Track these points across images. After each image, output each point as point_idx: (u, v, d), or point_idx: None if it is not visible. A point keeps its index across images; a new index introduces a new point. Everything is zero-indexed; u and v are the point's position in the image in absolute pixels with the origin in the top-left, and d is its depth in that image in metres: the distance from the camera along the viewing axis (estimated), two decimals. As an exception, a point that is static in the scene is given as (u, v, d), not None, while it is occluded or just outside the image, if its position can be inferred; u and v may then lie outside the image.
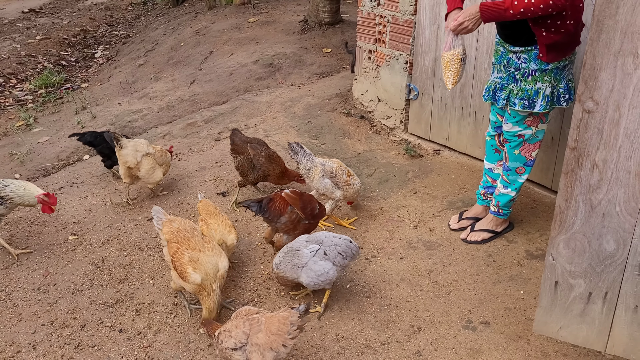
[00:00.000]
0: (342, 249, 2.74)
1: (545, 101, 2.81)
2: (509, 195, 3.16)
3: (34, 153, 5.47)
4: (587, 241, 2.03)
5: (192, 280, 2.59)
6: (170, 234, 2.76)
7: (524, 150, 3.02)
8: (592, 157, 1.90)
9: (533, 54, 2.77)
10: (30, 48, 9.59)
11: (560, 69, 2.79)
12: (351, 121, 4.91)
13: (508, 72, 2.91)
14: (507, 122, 2.98)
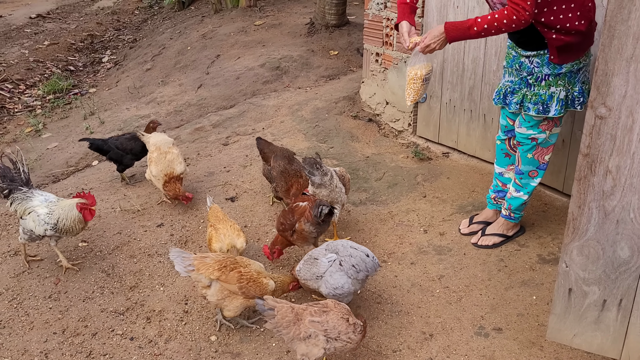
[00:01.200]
0: (356, 262, 2.64)
1: (560, 105, 2.79)
2: (522, 199, 3.14)
3: (43, 159, 5.50)
4: (601, 248, 2.00)
5: (270, 288, 2.65)
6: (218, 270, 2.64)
7: (537, 154, 3.00)
8: (605, 163, 1.88)
9: (546, 58, 2.74)
10: (39, 54, 9.65)
11: (574, 72, 2.77)
12: (359, 124, 4.90)
13: (520, 77, 2.89)
14: (522, 126, 2.96)
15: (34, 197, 3.18)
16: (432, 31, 2.72)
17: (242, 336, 2.74)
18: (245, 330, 2.78)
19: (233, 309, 2.64)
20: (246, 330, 2.78)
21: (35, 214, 3.09)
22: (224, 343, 2.71)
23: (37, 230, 3.07)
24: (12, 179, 3.26)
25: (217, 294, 2.62)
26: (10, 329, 2.84)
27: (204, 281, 2.63)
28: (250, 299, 2.62)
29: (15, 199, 3.21)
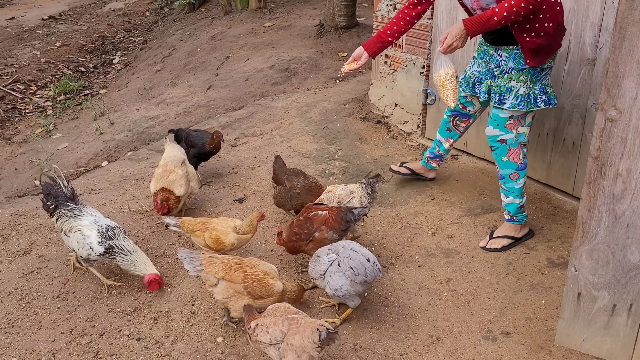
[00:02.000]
0: (354, 264, 2.58)
1: (517, 100, 2.92)
2: (515, 203, 3.20)
3: (54, 160, 5.54)
4: (610, 252, 1.98)
5: (276, 290, 2.65)
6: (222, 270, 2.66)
7: (511, 156, 3.10)
8: (615, 166, 1.86)
9: (513, 53, 2.90)
10: (50, 55, 9.73)
11: (537, 72, 2.90)
12: (367, 126, 4.89)
13: (488, 68, 3.07)
14: (489, 125, 3.10)
15: (83, 216, 3.09)
16: (451, 30, 2.81)
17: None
18: (251, 331, 2.77)
19: (239, 309, 2.64)
20: (253, 331, 2.77)
21: (81, 236, 2.99)
22: (231, 345, 2.70)
23: (80, 252, 3.00)
24: (56, 196, 3.18)
25: (222, 292, 2.64)
26: (18, 328, 2.86)
27: (212, 280, 2.66)
28: (257, 300, 2.62)
29: (62, 215, 3.11)
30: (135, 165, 4.80)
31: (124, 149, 5.37)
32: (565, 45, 3.28)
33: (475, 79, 3.17)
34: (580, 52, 3.22)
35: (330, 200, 3.12)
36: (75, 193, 3.26)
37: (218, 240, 3.07)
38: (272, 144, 4.73)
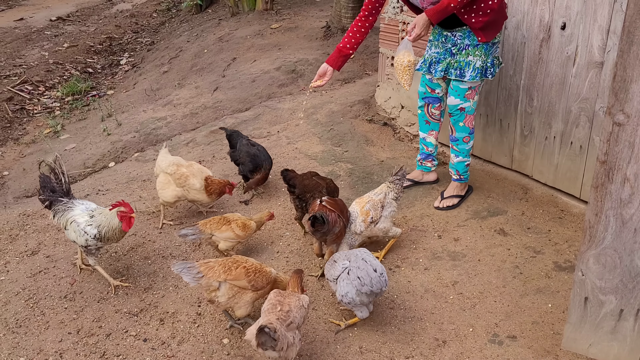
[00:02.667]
0: (362, 274, 2.56)
1: (475, 72, 3.27)
2: (463, 162, 3.62)
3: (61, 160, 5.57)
4: (618, 257, 1.97)
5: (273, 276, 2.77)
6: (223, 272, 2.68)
7: (467, 122, 3.47)
8: (623, 171, 1.85)
9: (467, 32, 3.25)
10: (58, 56, 9.78)
11: (489, 46, 3.27)
12: (374, 128, 4.89)
13: (445, 48, 3.38)
14: (451, 96, 3.44)
15: (74, 207, 3.10)
16: (418, 21, 3.09)
17: (255, 339, 2.74)
18: (257, 333, 2.78)
19: (244, 305, 2.66)
20: (258, 333, 2.78)
21: (75, 223, 3.02)
22: (236, 346, 2.71)
23: (79, 241, 3.01)
24: (52, 190, 3.17)
25: (227, 292, 2.63)
26: (26, 328, 2.88)
27: (214, 284, 2.63)
28: (259, 291, 2.67)
29: (57, 211, 3.11)
30: (142, 166, 4.81)
31: (131, 149, 5.39)
32: (572, 49, 3.28)
33: (432, 60, 3.47)
34: (588, 55, 3.21)
35: (376, 207, 3.10)
36: (70, 188, 3.25)
37: (246, 226, 3.22)
38: (278, 145, 4.73)
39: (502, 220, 3.53)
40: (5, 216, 4.01)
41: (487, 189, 3.85)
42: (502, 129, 3.89)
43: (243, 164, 3.93)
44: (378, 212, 3.07)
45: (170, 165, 3.64)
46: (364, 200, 3.13)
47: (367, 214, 3.03)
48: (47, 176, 3.23)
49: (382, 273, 2.58)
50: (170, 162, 3.67)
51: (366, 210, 3.04)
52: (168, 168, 3.62)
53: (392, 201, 3.20)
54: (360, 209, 3.06)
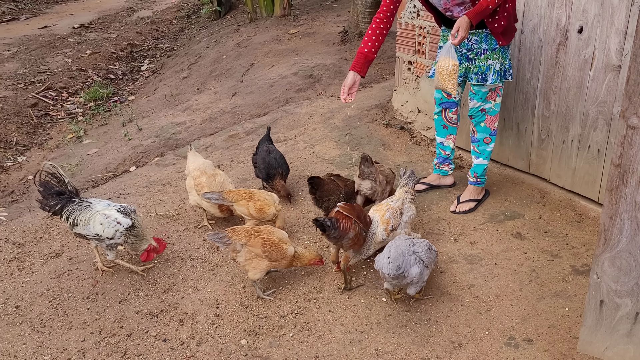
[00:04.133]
0: (380, 256, 2.79)
1: (496, 75, 3.34)
2: (483, 165, 3.64)
3: (84, 164, 5.69)
4: (633, 260, 1.97)
5: (289, 253, 3.03)
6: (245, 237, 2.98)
7: (488, 123, 3.52)
8: (637, 174, 1.85)
9: (483, 36, 3.31)
10: (81, 62, 9.99)
11: (506, 48, 3.36)
12: (391, 132, 4.91)
13: (460, 54, 3.37)
14: (472, 99, 3.49)
15: (95, 204, 3.17)
16: (461, 24, 3.08)
17: (272, 340, 2.79)
18: (274, 334, 2.82)
19: (257, 270, 2.96)
20: (275, 334, 2.82)
21: (103, 216, 3.08)
22: (254, 347, 2.75)
23: (106, 232, 3.07)
24: (59, 193, 3.21)
25: (245, 255, 2.95)
26: (50, 328, 2.96)
27: (238, 247, 2.95)
28: (274, 262, 2.97)
29: (72, 211, 3.15)
30: (162, 170, 4.90)
31: (151, 154, 5.48)
32: (590, 52, 3.27)
33: None
34: (605, 58, 3.20)
35: (395, 214, 3.13)
36: (77, 188, 3.31)
37: (262, 210, 3.39)
38: (296, 149, 4.78)
39: (519, 223, 3.52)
40: (30, 219, 4.12)
41: (504, 193, 3.85)
42: (519, 133, 3.89)
43: (258, 169, 4.05)
44: (397, 219, 3.09)
45: (195, 170, 3.71)
46: (384, 208, 3.15)
47: (387, 222, 3.05)
48: (47, 182, 3.22)
49: (391, 262, 2.68)
50: (197, 167, 3.73)
51: (387, 219, 3.06)
52: (193, 172, 3.70)
53: (411, 205, 3.22)
54: (381, 218, 3.08)
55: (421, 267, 2.73)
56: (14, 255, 3.65)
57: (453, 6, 3.26)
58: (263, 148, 4.09)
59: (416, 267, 2.72)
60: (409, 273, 2.70)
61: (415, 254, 2.74)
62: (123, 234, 3.10)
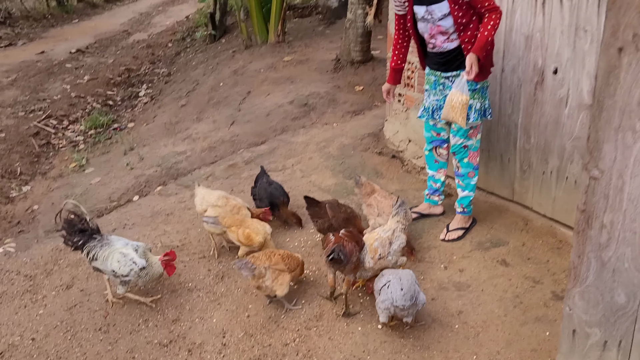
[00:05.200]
0: (393, 289, 3.00)
1: (477, 114, 3.59)
2: (469, 197, 3.91)
3: (88, 194, 5.88)
4: (600, 294, 2.20)
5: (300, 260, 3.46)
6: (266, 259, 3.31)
7: (471, 158, 3.79)
8: (600, 218, 2.09)
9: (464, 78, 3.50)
10: (79, 89, 10.20)
11: (484, 89, 3.62)
12: (383, 160, 5.15)
13: (444, 95, 3.66)
14: (455, 136, 3.75)
15: (114, 242, 3.42)
16: (472, 60, 3.35)
17: (276, 368, 2.99)
18: (278, 362, 3.03)
19: (285, 284, 3.27)
20: (279, 362, 3.03)
21: (121, 255, 3.32)
22: (259, 375, 2.96)
23: (121, 270, 3.29)
24: (82, 230, 3.44)
25: (271, 276, 3.25)
26: (66, 360, 3.15)
27: (262, 271, 3.24)
28: (292, 272, 3.33)
29: (92, 247, 3.38)
30: (165, 200, 5.10)
31: (154, 183, 5.68)
32: (564, 91, 3.53)
33: (434, 107, 3.79)
34: (578, 97, 3.46)
35: (384, 244, 3.33)
36: (98, 225, 3.55)
37: (249, 237, 3.66)
38: (293, 178, 5.01)
39: (504, 251, 3.76)
40: (39, 251, 4.31)
41: (490, 220, 4.09)
42: (502, 164, 4.14)
43: (261, 200, 4.27)
44: (386, 249, 3.32)
45: (220, 198, 4.02)
46: (373, 237, 3.38)
47: (375, 251, 3.28)
48: (70, 220, 3.46)
49: (405, 293, 2.92)
50: (218, 196, 4.05)
51: (375, 248, 3.29)
52: (218, 201, 3.99)
53: (400, 234, 3.44)
54: (370, 246, 3.31)
55: (422, 294, 3.00)
56: (27, 288, 3.84)
57: (437, 34, 3.51)
58: (263, 180, 4.33)
59: (422, 293, 3.03)
60: (419, 300, 2.98)
61: (416, 283, 3.01)
62: (137, 273, 3.32)
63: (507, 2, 3.72)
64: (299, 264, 3.41)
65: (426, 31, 3.56)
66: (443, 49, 3.55)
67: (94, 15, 18.55)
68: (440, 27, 3.47)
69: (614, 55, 1.92)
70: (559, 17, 3.43)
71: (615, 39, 1.90)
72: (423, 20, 3.53)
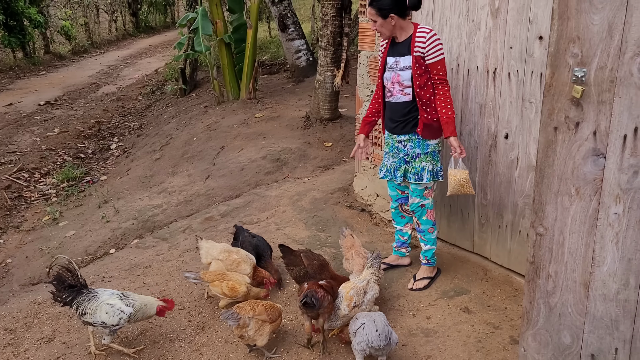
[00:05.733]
0: (368, 330, 3.23)
1: (430, 175, 3.96)
2: (431, 250, 4.22)
3: (63, 247, 5.97)
4: (549, 335, 2.53)
5: (281, 310, 3.66)
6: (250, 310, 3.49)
7: (428, 215, 4.12)
8: (546, 269, 2.44)
9: (416, 142, 3.94)
10: (50, 141, 10.29)
11: (436, 153, 3.98)
12: (353, 214, 5.48)
13: (399, 157, 4.05)
14: (412, 196, 4.09)
15: (100, 295, 3.57)
16: (457, 142, 3.78)
17: (258, 413, 3.17)
18: (260, 408, 3.21)
19: (266, 334, 3.45)
20: (261, 408, 3.21)
21: (109, 306, 3.47)
22: (243, 420, 3.13)
23: (111, 320, 3.45)
24: (71, 286, 3.58)
25: (254, 326, 3.43)
26: (54, 411, 3.24)
27: (246, 321, 3.41)
28: (273, 323, 3.50)
29: (81, 302, 3.53)
30: (143, 252, 5.26)
31: (130, 236, 5.84)
32: (515, 154, 3.97)
33: (392, 168, 4.12)
34: (527, 160, 3.90)
35: (359, 293, 3.61)
36: (85, 280, 3.70)
37: (233, 289, 3.86)
38: (268, 231, 5.27)
39: (466, 299, 4.08)
40: (17, 304, 4.39)
41: (453, 270, 4.42)
42: (463, 217, 4.52)
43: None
44: (361, 297, 3.60)
45: (223, 252, 4.22)
46: (349, 286, 3.66)
47: (351, 299, 3.56)
48: (60, 275, 3.60)
49: (380, 334, 3.17)
50: (221, 249, 4.25)
51: (350, 296, 3.57)
52: (220, 255, 4.21)
53: (374, 285, 3.73)
54: (345, 294, 3.59)
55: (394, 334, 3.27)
56: (7, 341, 3.91)
57: (396, 82, 3.87)
58: (245, 234, 4.55)
59: (394, 333, 3.30)
60: (392, 339, 3.25)
61: (387, 324, 3.28)
62: (126, 320, 3.49)
63: (463, 75, 4.19)
64: (280, 315, 3.61)
65: (389, 79, 3.92)
66: (397, 100, 3.91)
67: (61, 67, 18.72)
68: (400, 76, 3.84)
69: (551, 133, 2.33)
70: (507, 90, 3.91)
71: (551, 120, 2.31)
72: (390, 70, 3.90)
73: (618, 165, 2.21)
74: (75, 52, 20.65)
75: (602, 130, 2.21)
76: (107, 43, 23.31)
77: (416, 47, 3.77)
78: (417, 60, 3.77)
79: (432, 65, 3.76)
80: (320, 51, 7.46)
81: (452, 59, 4.22)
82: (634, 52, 2.11)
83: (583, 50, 2.21)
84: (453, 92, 4.24)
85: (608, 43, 2.16)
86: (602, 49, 2.17)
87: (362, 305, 3.62)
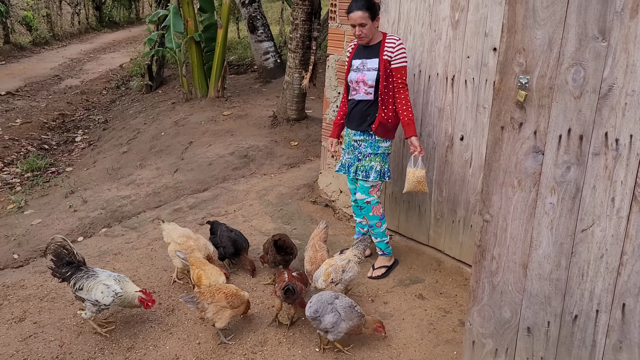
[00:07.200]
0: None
1: (377, 174, 4.23)
2: (383, 241, 4.52)
3: (30, 235, 6.01)
4: (492, 311, 2.86)
5: (246, 298, 3.83)
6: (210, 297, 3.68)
7: (375, 211, 4.37)
8: (491, 252, 2.77)
9: (369, 142, 4.23)
10: (13, 132, 10.18)
11: (385, 155, 4.27)
12: (317, 209, 5.76)
13: (354, 154, 4.35)
14: (359, 192, 4.36)
15: (98, 274, 3.75)
16: (414, 140, 4.11)
17: (227, 386, 3.40)
18: (228, 381, 3.44)
19: (224, 318, 3.63)
20: (229, 381, 3.44)
21: (105, 286, 3.66)
22: (212, 392, 3.35)
23: (104, 300, 3.63)
24: (69, 262, 3.76)
25: (212, 310, 3.62)
26: (27, 385, 3.37)
27: (205, 305, 3.61)
28: (235, 309, 3.68)
29: (79, 278, 3.70)
30: (112, 240, 5.39)
31: (99, 225, 5.94)
32: (469, 155, 4.33)
33: (347, 163, 4.42)
34: (480, 160, 4.26)
35: (337, 271, 3.89)
36: (84, 258, 3.89)
37: (199, 278, 4.02)
38: (235, 223, 5.48)
39: (421, 287, 4.41)
40: (-16, 288, 4.46)
41: (409, 262, 4.76)
42: (420, 213, 4.86)
43: (225, 247, 4.57)
44: (339, 275, 3.88)
45: (181, 236, 4.39)
46: (329, 263, 3.95)
47: (328, 275, 3.85)
48: (58, 253, 3.80)
49: (311, 307, 3.49)
50: (181, 233, 4.41)
51: (328, 272, 3.86)
52: (178, 238, 4.38)
53: (354, 266, 4.00)
54: (325, 270, 3.87)
55: (337, 317, 3.48)
56: (-23, 322, 4.00)
57: (361, 82, 4.15)
58: (222, 228, 4.72)
59: (330, 315, 3.49)
60: (324, 319, 3.48)
61: (332, 305, 3.51)
62: (117, 303, 3.71)
63: (425, 81, 4.54)
64: (244, 302, 3.78)
65: (354, 79, 4.19)
66: (361, 97, 4.17)
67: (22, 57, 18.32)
68: (365, 76, 4.12)
69: (498, 132, 2.66)
70: (464, 95, 4.27)
71: (498, 120, 2.65)
72: (356, 71, 4.19)
73: (554, 161, 2.56)
74: (36, 43, 20.23)
75: (541, 130, 2.56)
76: (70, 36, 22.88)
77: (385, 52, 4.10)
78: (384, 64, 4.09)
79: (397, 70, 4.09)
80: (289, 53, 7.72)
81: (415, 65, 4.57)
82: (569, 64, 2.46)
83: (527, 60, 2.55)
84: (415, 96, 4.58)
85: (548, 55, 2.50)
86: (543, 59, 2.51)
87: (340, 283, 3.89)
